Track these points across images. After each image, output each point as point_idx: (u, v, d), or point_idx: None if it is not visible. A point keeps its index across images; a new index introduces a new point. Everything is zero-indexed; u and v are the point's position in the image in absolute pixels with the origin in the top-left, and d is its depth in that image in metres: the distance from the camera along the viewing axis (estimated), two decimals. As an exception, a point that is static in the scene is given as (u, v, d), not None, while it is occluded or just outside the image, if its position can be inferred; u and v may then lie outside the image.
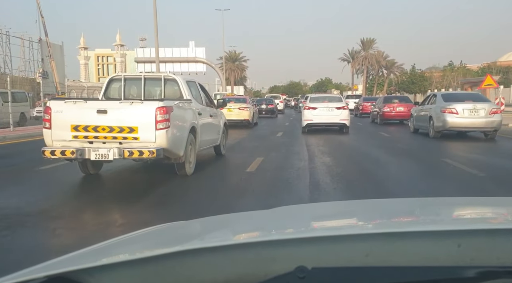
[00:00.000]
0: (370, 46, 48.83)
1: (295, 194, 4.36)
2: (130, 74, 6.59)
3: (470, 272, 0.61)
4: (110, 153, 4.45)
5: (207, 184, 4.94)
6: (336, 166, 6.06)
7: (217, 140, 6.82)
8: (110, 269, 0.64)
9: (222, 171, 6.03)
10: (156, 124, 4.46)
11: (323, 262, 0.64)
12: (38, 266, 0.68)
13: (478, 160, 6.79)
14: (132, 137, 4.49)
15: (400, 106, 14.98)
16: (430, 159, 6.96)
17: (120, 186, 4.97)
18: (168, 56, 30.58)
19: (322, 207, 1.34)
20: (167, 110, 4.54)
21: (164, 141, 4.50)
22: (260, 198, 4.18)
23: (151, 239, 0.94)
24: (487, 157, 7.09)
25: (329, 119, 11.14)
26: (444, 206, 1.10)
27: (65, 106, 4.58)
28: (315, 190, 4.44)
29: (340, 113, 11.07)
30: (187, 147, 5.03)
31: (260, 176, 5.30)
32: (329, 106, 11.15)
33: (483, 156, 7.28)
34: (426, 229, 0.75)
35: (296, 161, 6.50)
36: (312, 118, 11.11)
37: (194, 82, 6.30)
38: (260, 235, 0.85)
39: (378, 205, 1.18)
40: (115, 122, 4.48)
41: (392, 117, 14.91)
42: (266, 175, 5.40)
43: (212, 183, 5.07)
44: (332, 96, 14.07)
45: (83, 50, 60.55)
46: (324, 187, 4.62)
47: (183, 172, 5.10)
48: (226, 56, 54.31)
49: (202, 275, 0.64)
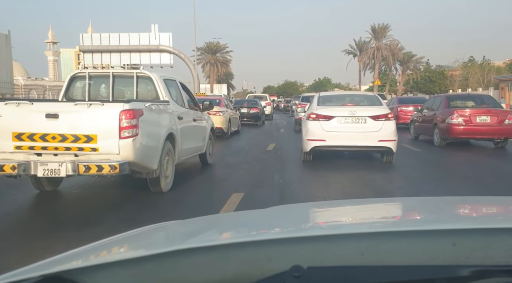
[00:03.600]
0: (383, 34, 49.01)
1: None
2: (96, 71, 6.75)
3: (465, 270, 0.73)
4: (62, 168, 4.54)
5: (185, 206, 5.11)
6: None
7: (202, 148, 7.21)
8: (105, 268, 0.76)
9: (209, 185, 6.22)
10: (120, 131, 4.59)
11: (318, 261, 0.77)
12: (32, 265, 0.81)
13: None
14: (90, 148, 4.60)
15: (483, 113, 10.51)
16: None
17: (76, 208, 5.08)
18: (124, 43, 30.60)
19: (318, 206, 1.56)
20: (135, 114, 4.69)
21: (130, 153, 4.64)
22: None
23: (147, 238, 1.12)
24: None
25: (358, 140, 7.54)
26: (439, 205, 1.31)
27: (5, 109, 4.66)
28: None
29: (380, 128, 7.51)
30: (162, 159, 5.21)
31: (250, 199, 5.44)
32: (357, 115, 7.59)
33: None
34: (421, 228, 0.91)
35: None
36: (325, 138, 7.58)
37: (174, 81, 6.58)
38: (256, 234, 1.01)
39: (374, 205, 1.42)
40: (68, 129, 4.59)
41: (468, 135, 10.72)
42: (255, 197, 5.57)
43: (192, 204, 5.22)
44: (360, 95, 10.68)
45: (51, 44, 60.93)
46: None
47: (158, 189, 5.27)
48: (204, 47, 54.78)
49: (197, 274, 0.77)
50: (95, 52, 30.49)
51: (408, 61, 50.26)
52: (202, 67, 56.40)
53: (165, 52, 30.30)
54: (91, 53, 30.47)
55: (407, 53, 50.33)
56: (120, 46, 30.27)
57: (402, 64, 50.47)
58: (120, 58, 30.62)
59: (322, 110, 7.82)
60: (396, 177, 7.14)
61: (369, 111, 7.75)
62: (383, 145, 7.63)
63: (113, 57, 30.75)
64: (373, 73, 50.83)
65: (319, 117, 7.70)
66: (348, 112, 7.64)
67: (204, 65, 56.13)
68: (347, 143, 7.64)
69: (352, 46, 53.62)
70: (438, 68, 51.15)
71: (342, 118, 7.63)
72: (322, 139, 7.63)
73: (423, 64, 50.31)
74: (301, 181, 6.79)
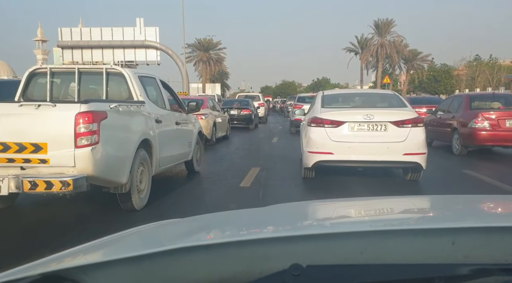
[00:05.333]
0: (387, 30, 48.67)
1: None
2: (59, 67, 6.10)
3: (464, 269, 0.78)
4: (2, 184, 3.97)
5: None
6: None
7: (188, 155, 6.85)
8: (104, 266, 0.81)
9: (193, 202, 5.67)
10: (76, 139, 4.01)
11: (318, 259, 0.83)
12: (32, 263, 0.87)
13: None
14: (38, 159, 4.02)
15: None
16: None
17: (25, 229, 4.48)
18: (107, 39, 29.90)
19: (317, 205, 1.59)
20: (95, 118, 4.09)
21: (89, 165, 4.06)
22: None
23: (146, 236, 1.18)
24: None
25: (377, 153, 6.19)
26: (438, 204, 1.39)
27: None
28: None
29: (406, 138, 6.13)
30: (134, 170, 4.70)
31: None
32: (375, 120, 6.20)
33: None
34: (420, 227, 0.98)
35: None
36: (333, 150, 6.21)
37: (152, 79, 6.18)
38: (255, 232, 1.07)
39: (373, 203, 1.47)
40: (11, 136, 4.00)
41: (496, 142, 9.60)
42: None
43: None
44: (376, 94, 8.62)
45: (40, 43, 61.65)
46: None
47: (129, 205, 4.78)
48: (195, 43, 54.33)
49: (197, 273, 0.83)
50: (75, 48, 29.78)
51: (414, 59, 49.64)
52: (194, 66, 56.07)
53: (151, 48, 29.61)
54: (70, 49, 29.74)
55: (413, 51, 49.78)
56: (102, 42, 29.64)
57: (406, 62, 49.89)
58: (102, 54, 29.98)
59: (328, 114, 6.34)
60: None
61: (391, 115, 6.25)
62: (409, 160, 6.15)
63: (95, 53, 30.06)
64: (375, 72, 50.40)
65: (325, 123, 6.26)
66: (363, 117, 6.17)
67: (196, 63, 55.68)
68: (362, 157, 6.20)
69: (353, 43, 53.43)
70: (443, 67, 50.93)
71: (355, 125, 6.19)
72: (328, 152, 6.20)
73: (429, 62, 49.88)
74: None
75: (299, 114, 9.32)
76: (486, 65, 45.79)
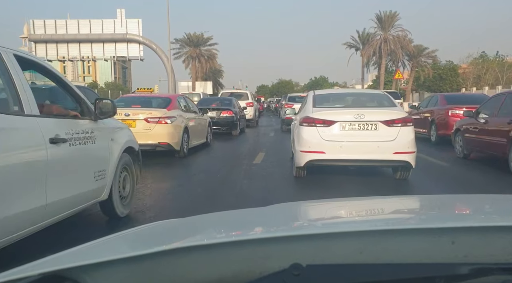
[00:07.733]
0: (391, 24, 48.00)
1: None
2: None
3: (464, 268, 0.82)
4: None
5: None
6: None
7: (98, 192, 4.35)
8: (104, 266, 0.85)
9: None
10: None
11: (318, 259, 0.88)
12: (31, 263, 0.90)
13: None
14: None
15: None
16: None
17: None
18: (84, 32, 29.25)
19: (317, 204, 1.71)
20: None
21: None
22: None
23: (146, 236, 1.26)
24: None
25: (368, 152, 6.69)
26: (438, 203, 1.53)
27: None
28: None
29: (396, 137, 6.63)
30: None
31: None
32: (365, 119, 6.70)
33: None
34: (420, 226, 1.05)
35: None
36: (324, 149, 6.68)
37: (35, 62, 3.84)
38: (255, 232, 1.17)
39: (373, 203, 1.59)
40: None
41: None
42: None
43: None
44: (366, 93, 9.37)
45: (27, 40, 62.10)
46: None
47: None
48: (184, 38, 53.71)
49: (197, 272, 0.88)
50: (49, 42, 29.06)
51: (419, 55, 48.90)
52: (183, 62, 55.48)
53: (134, 42, 28.98)
54: (44, 43, 29.01)
55: (418, 46, 48.99)
56: (79, 35, 28.95)
57: (411, 59, 49.22)
58: (79, 49, 29.31)
59: (319, 114, 6.87)
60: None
61: (381, 114, 6.84)
62: (399, 159, 6.73)
63: (71, 48, 29.39)
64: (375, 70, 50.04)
65: (317, 123, 6.79)
66: (354, 116, 6.74)
67: (185, 60, 55.08)
68: (354, 155, 6.77)
69: (354, 39, 53.01)
70: (448, 64, 50.94)
71: (346, 124, 6.75)
72: (320, 151, 6.74)
73: (435, 58, 49.60)
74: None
75: (290, 114, 10.14)
76: (493, 62, 45.87)
